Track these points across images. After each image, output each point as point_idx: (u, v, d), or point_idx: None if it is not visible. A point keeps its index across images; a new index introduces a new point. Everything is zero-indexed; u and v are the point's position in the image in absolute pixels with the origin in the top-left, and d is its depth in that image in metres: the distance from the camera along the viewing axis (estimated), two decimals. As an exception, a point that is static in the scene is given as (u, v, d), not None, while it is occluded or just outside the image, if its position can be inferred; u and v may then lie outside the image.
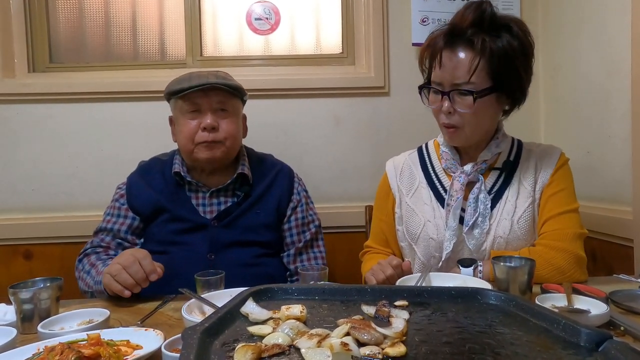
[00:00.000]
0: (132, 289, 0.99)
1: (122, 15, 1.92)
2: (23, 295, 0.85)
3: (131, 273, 0.99)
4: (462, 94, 1.06)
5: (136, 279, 0.99)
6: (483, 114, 1.08)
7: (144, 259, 1.01)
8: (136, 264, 0.99)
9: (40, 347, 0.70)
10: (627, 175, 1.41)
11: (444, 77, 1.08)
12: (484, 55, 1.04)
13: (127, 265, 0.99)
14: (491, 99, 1.08)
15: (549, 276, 1.02)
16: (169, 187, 1.30)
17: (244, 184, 1.32)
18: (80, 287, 1.23)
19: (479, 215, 1.12)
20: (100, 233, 1.30)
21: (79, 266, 1.25)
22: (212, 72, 1.30)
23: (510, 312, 0.68)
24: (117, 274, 0.99)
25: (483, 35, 1.04)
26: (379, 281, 1.02)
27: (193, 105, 1.25)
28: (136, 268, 0.99)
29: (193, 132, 1.24)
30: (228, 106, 1.27)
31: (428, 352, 0.55)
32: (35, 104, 1.79)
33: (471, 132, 1.10)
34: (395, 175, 1.28)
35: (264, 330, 0.61)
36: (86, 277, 1.19)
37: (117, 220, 1.30)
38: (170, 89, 1.29)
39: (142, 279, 0.99)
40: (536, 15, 1.90)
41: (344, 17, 1.95)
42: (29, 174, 1.80)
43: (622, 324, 0.75)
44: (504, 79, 1.06)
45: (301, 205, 1.37)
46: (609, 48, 1.50)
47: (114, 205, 1.33)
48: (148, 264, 1.00)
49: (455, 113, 1.08)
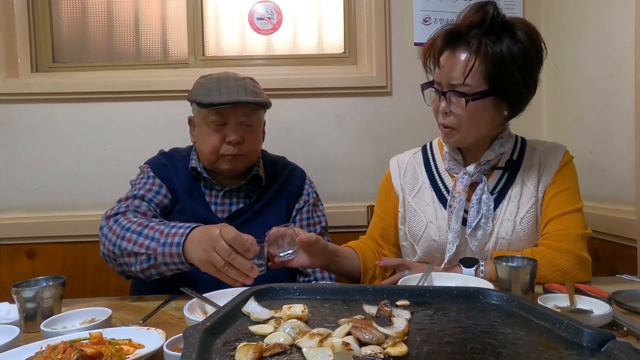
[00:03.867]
0: (245, 282, 0.92)
1: (124, 15, 1.93)
2: (26, 294, 0.86)
3: (238, 265, 0.90)
4: (458, 95, 1.05)
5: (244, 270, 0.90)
6: (478, 117, 1.06)
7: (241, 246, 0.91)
8: (238, 256, 0.90)
9: (42, 346, 0.70)
10: (630, 175, 1.40)
11: (442, 77, 1.08)
12: (479, 57, 1.02)
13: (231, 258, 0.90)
14: (487, 102, 1.05)
15: (551, 277, 1.01)
16: (187, 179, 1.28)
17: (257, 186, 1.32)
18: (109, 248, 1.07)
19: (482, 216, 1.11)
20: (133, 199, 1.18)
21: (114, 226, 1.08)
22: (240, 81, 1.24)
23: (512, 312, 0.68)
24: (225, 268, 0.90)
25: (482, 37, 1.02)
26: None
27: (220, 118, 1.20)
28: (240, 260, 0.90)
29: (218, 145, 1.21)
30: (253, 120, 1.25)
31: (430, 352, 0.54)
32: (38, 104, 1.80)
33: (466, 134, 1.09)
34: (399, 174, 1.27)
35: (265, 329, 0.61)
36: (136, 236, 1.03)
37: (151, 188, 1.22)
38: (198, 99, 1.22)
39: (249, 269, 0.91)
40: (539, 15, 1.89)
41: (346, 16, 1.95)
42: (31, 173, 1.81)
43: (625, 324, 0.75)
44: (501, 84, 1.04)
45: (308, 205, 1.36)
46: (611, 48, 1.50)
47: (142, 179, 1.24)
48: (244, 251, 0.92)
49: (452, 114, 1.07)
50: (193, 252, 0.96)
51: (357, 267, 1.18)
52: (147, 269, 1.04)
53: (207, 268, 0.93)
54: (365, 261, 1.19)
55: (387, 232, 1.28)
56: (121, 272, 1.12)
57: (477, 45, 1.02)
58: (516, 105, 1.09)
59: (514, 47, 1.03)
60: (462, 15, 1.06)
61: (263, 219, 1.28)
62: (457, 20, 1.07)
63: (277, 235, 1.04)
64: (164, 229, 1.02)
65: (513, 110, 1.10)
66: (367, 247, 1.25)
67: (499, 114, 1.09)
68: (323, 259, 1.10)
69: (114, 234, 1.07)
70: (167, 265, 1.01)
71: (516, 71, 1.03)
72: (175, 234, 0.99)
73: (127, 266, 1.07)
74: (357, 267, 1.18)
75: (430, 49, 1.10)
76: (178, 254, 0.98)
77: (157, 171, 1.27)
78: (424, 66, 1.13)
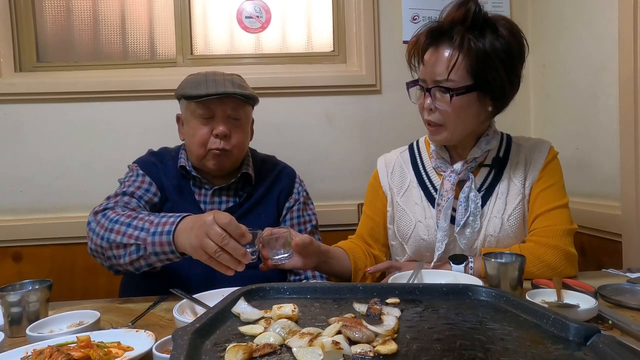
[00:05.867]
0: (236, 268, 0.89)
1: (110, 13, 1.90)
2: (11, 298, 0.84)
3: (230, 250, 0.88)
4: (442, 91, 1.06)
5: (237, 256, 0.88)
6: (464, 112, 1.07)
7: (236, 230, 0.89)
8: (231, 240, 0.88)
9: (28, 351, 0.69)
10: (616, 171, 1.42)
11: (426, 73, 1.09)
12: (462, 52, 1.03)
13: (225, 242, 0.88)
14: (472, 97, 1.06)
15: (539, 273, 1.03)
16: (176, 178, 1.28)
17: (247, 185, 1.31)
18: (97, 242, 1.05)
19: (470, 214, 1.12)
20: (122, 196, 1.17)
21: (102, 220, 1.06)
22: (227, 76, 1.26)
23: (500, 308, 0.69)
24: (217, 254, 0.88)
25: (465, 33, 1.04)
26: None
27: (207, 111, 1.21)
28: (234, 245, 0.88)
29: (205, 138, 1.21)
30: (240, 114, 1.25)
31: (419, 349, 0.55)
32: (22, 104, 1.77)
33: (452, 131, 1.09)
34: (386, 173, 1.28)
35: (255, 329, 0.61)
36: (125, 228, 1.02)
37: (141, 186, 1.21)
38: (186, 92, 1.23)
39: (242, 254, 0.89)
40: (526, 13, 1.91)
41: (335, 15, 1.95)
42: (17, 174, 1.77)
43: (610, 318, 0.76)
44: (485, 79, 1.05)
45: (298, 204, 1.36)
46: (596, 46, 1.52)
47: (131, 177, 1.24)
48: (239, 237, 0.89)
49: (437, 110, 1.08)
50: (184, 240, 0.94)
51: (347, 268, 1.18)
52: (136, 260, 1.01)
53: (199, 254, 0.91)
54: (356, 262, 1.20)
55: (376, 232, 1.28)
56: (109, 267, 1.09)
57: (460, 41, 1.03)
58: (500, 101, 1.10)
59: (497, 43, 1.04)
60: (445, 12, 1.07)
61: (253, 217, 1.28)
62: (439, 18, 1.09)
63: (271, 238, 1.02)
64: (154, 219, 1.01)
65: (497, 106, 1.11)
66: (357, 247, 1.25)
67: (484, 109, 1.10)
68: (315, 260, 1.10)
69: (102, 228, 1.05)
70: (157, 255, 0.98)
71: (499, 66, 1.04)
72: (166, 223, 0.98)
73: (115, 259, 1.04)
74: (347, 268, 1.18)
75: (414, 47, 1.11)
76: (168, 243, 0.96)
77: (146, 169, 1.27)
78: (408, 64, 1.14)
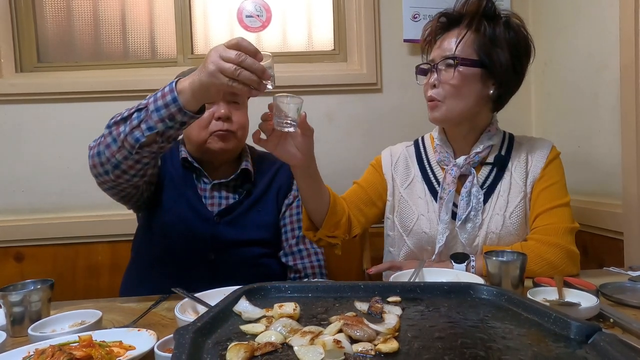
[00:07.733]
0: (258, 87, 0.86)
1: (111, 13, 1.90)
2: (13, 298, 0.84)
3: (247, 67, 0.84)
4: (447, 65, 1.10)
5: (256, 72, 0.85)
6: (466, 87, 1.09)
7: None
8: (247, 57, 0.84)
9: (30, 351, 0.69)
10: (617, 169, 1.42)
11: (436, 54, 1.14)
12: (471, 30, 1.09)
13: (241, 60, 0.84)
14: (475, 73, 1.09)
15: (541, 271, 1.03)
16: (181, 169, 1.28)
17: (246, 181, 1.31)
18: (95, 150, 1.02)
19: (472, 209, 1.13)
20: None
21: (110, 123, 1.02)
22: None
23: (502, 307, 0.69)
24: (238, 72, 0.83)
25: (476, 16, 1.09)
26: None
27: None
28: (251, 60, 0.84)
29: (207, 122, 1.22)
30: (238, 97, 1.27)
31: (420, 348, 0.55)
32: (23, 104, 1.77)
33: (451, 107, 1.10)
34: (390, 163, 1.28)
35: (256, 328, 0.61)
36: (125, 111, 0.98)
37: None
38: None
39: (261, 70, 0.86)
40: (526, 11, 1.91)
41: (336, 13, 1.95)
42: (18, 175, 1.78)
43: (612, 316, 0.76)
44: (490, 58, 1.08)
45: (297, 200, 1.36)
46: (597, 44, 1.51)
47: None
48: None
49: (440, 85, 1.11)
50: (194, 78, 0.89)
51: (326, 202, 1.11)
52: (136, 127, 0.94)
53: (216, 80, 0.86)
54: (335, 203, 1.13)
55: (363, 202, 1.24)
56: (104, 170, 1.02)
57: (470, 21, 1.09)
58: (502, 87, 1.12)
59: (507, 33, 1.10)
60: (460, 3, 1.12)
61: (253, 214, 1.28)
62: (455, 7, 1.13)
63: (285, 100, 0.93)
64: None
65: (499, 93, 1.13)
66: (341, 199, 1.19)
67: (485, 91, 1.12)
68: (305, 158, 1.01)
69: (113, 129, 1.00)
70: (159, 110, 0.92)
71: (506, 50, 1.09)
72: (167, 86, 0.93)
73: (114, 143, 0.98)
74: (326, 202, 1.11)
75: (427, 40, 1.17)
76: (171, 90, 0.91)
77: None
78: (422, 52, 1.20)
